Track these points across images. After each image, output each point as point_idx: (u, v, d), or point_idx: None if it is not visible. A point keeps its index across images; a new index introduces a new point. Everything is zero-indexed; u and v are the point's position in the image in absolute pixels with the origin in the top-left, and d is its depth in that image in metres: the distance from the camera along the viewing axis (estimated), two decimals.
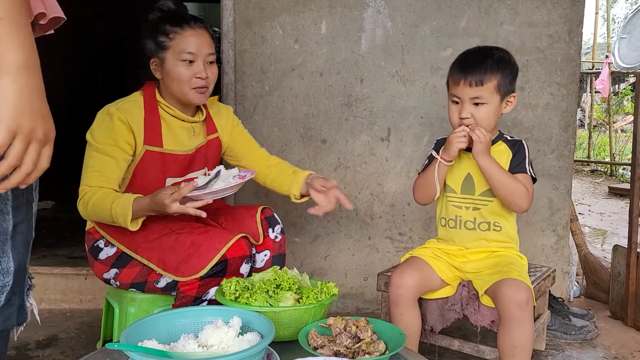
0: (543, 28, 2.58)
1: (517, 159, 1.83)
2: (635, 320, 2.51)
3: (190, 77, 1.80)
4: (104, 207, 1.69)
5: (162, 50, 1.81)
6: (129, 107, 1.82)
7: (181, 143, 1.89)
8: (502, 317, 1.67)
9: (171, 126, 1.88)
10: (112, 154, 1.76)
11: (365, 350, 1.36)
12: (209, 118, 2.00)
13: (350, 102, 2.64)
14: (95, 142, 1.77)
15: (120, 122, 1.77)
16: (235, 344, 1.26)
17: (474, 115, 1.77)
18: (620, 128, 10.11)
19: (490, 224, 1.87)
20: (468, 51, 1.87)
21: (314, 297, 1.48)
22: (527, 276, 1.75)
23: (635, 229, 2.55)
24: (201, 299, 1.72)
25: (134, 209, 1.67)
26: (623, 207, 5.76)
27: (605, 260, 3.10)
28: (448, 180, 1.92)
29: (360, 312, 2.71)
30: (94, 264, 1.88)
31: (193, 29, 1.81)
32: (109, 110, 1.79)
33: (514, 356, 1.66)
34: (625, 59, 5.39)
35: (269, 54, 2.62)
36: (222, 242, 1.70)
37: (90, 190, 1.73)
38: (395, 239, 2.71)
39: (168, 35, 1.80)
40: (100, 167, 1.75)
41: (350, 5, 2.59)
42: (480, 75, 1.75)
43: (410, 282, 1.76)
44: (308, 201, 1.95)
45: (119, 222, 1.69)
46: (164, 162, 1.83)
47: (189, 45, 1.79)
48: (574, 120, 2.67)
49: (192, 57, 1.79)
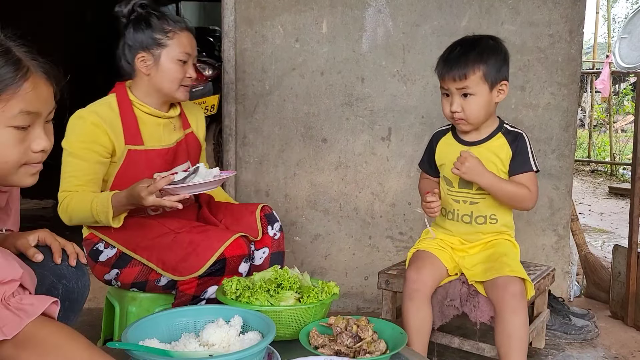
0: (544, 28, 2.58)
1: (520, 159, 1.80)
2: (636, 320, 2.51)
3: (182, 76, 1.86)
4: (84, 208, 1.71)
5: (157, 47, 1.82)
6: (102, 110, 1.82)
7: (160, 139, 1.91)
8: (497, 308, 1.70)
9: (147, 124, 1.89)
10: (86, 158, 1.77)
11: (366, 350, 1.36)
12: (183, 114, 2.03)
13: (351, 102, 2.64)
14: (69, 148, 1.77)
15: (93, 125, 1.77)
16: (237, 343, 1.26)
17: (463, 107, 1.76)
18: (621, 128, 10.11)
19: (487, 217, 1.87)
20: (454, 43, 1.85)
21: (315, 296, 1.48)
22: (521, 266, 1.76)
23: (635, 229, 2.55)
24: (199, 298, 1.73)
25: (113, 204, 1.69)
26: (623, 207, 5.76)
27: (605, 260, 3.10)
28: (447, 173, 1.91)
29: (360, 312, 2.71)
30: (95, 267, 1.87)
31: (189, 30, 1.87)
32: (81, 115, 1.79)
33: (510, 346, 1.68)
34: (625, 59, 5.39)
35: (270, 53, 2.62)
36: (220, 241, 1.71)
37: (68, 195, 1.75)
38: (395, 239, 2.72)
39: (167, 34, 1.82)
40: (75, 171, 1.76)
41: (351, 4, 2.59)
42: (463, 68, 1.73)
43: (427, 277, 1.79)
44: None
45: (101, 220, 1.71)
46: (148, 158, 1.85)
47: (185, 46, 1.85)
48: (574, 120, 2.67)
49: (186, 58, 1.85)
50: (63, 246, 1.35)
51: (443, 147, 1.93)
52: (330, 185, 2.69)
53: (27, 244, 1.32)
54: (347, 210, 2.70)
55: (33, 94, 1.09)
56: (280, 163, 2.68)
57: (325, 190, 2.70)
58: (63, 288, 1.30)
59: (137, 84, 1.89)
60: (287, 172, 2.69)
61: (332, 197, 2.70)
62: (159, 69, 1.83)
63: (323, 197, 2.70)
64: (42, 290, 1.28)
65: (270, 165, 2.69)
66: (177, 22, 1.85)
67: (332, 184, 2.69)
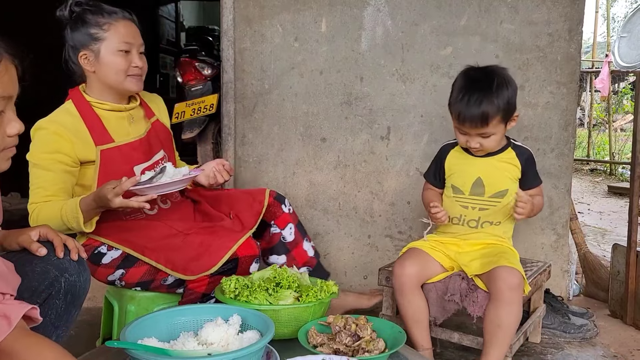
0: (543, 26, 2.58)
1: (531, 174, 1.97)
2: (635, 319, 2.51)
3: (127, 66, 1.83)
4: (54, 216, 1.69)
5: (95, 42, 1.81)
6: (62, 117, 1.81)
7: (127, 132, 1.90)
8: (492, 297, 1.75)
9: (111, 120, 1.88)
10: (52, 168, 1.75)
11: (364, 349, 1.36)
12: (144, 103, 2.02)
13: (350, 101, 2.64)
14: (33, 160, 1.76)
15: (55, 135, 1.75)
16: (235, 341, 1.27)
17: (482, 144, 1.87)
18: (620, 127, 10.12)
19: (493, 222, 1.95)
20: (466, 84, 1.85)
21: (314, 295, 1.49)
22: (519, 264, 1.83)
23: (634, 228, 2.55)
24: (209, 296, 1.74)
25: (82, 209, 1.67)
26: (622, 206, 5.77)
27: (604, 259, 3.10)
28: (456, 182, 2.00)
29: (359, 311, 2.71)
30: (97, 270, 1.85)
31: (125, 19, 1.84)
32: (42, 125, 1.78)
33: (496, 335, 1.74)
34: (625, 58, 5.39)
35: (269, 52, 2.61)
36: (232, 240, 1.73)
37: (37, 206, 1.73)
38: (394, 238, 2.72)
39: (102, 27, 1.80)
40: (42, 182, 1.75)
41: (350, 3, 2.59)
42: (484, 120, 1.81)
43: (411, 271, 1.86)
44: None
45: (73, 226, 1.70)
46: (123, 154, 1.84)
47: (124, 35, 1.82)
48: (573, 119, 2.67)
49: (128, 47, 1.82)
50: (64, 241, 1.36)
51: (453, 159, 2.02)
52: (330, 184, 2.69)
53: (29, 239, 1.33)
54: (346, 210, 2.70)
55: (6, 77, 1.07)
56: (280, 162, 2.68)
57: (324, 190, 2.70)
58: (66, 282, 1.31)
59: (89, 85, 1.88)
60: (287, 171, 2.69)
61: (331, 196, 2.70)
62: (101, 63, 1.82)
63: (322, 196, 2.70)
64: (45, 284, 1.29)
65: (269, 164, 2.69)
66: (112, 13, 1.82)
67: (331, 183, 2.69)
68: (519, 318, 1.76)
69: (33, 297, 1.27)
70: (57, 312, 1.32)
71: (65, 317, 1.34)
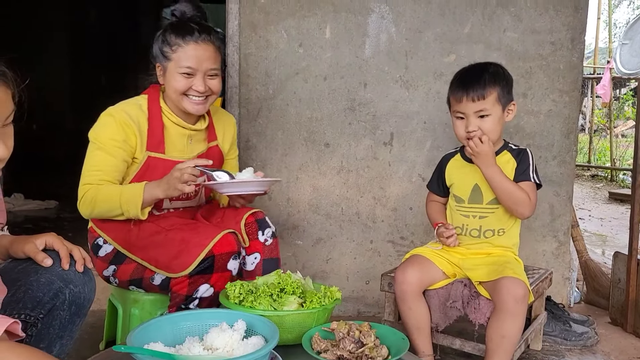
0: (546, 35, 2.60)
1: (521, 168, 1.91)
2: (635, 327, 2.52)
3: (187, 88, 1.84)
4: (112, 199, 1.75)
5: (165, 60, 1.85)
6: (133, 110, 1.85)
7: (182, 150, 1.93)
8: (497, 308, 1.75)
9: (171, 133, 1.91)
10: (113, 153, 1.80)
11: (368, 355, 1.37)
12: (211, 125, 2.04)
13: (353, 107, 2.66)
14: (97, 141, 1.81)
15: (123, 124, 1.81)
16: (240, 347, 1.28)
17: (480, 127, 1.85)
18: (621, 133, 10.14)
19: (495, 231, 1.95)
20: (464, 69, 1.97)
21: (318, 301, 1.50)
22: (524, 274, 1.83)
23: (635, 236, 2.56)
24: (192, 297, 1.74)
25: (144, 196, 1.74)
26: (623, 212, 5.77)
27: (605, 266, 3.11)
28: (456, 191, 2.01)
29: (361, 316, 2.72)
30: (95, 261, 1.91)
31: (197, 42, 1.82)
32: (112, 112, 1.83)
33: (501, 346, 1.75)
34: (626, 65, 5.41)
35: (274, 58, 2.63)
36: (208, 238, 1.72)
37: (92, 187, 1.77)
38: (397, 243, 2.73)
39: (172, 47, 1.83)
40: (102, 165, 1.80)
41: (354, 10, 2.61)
42: (481, 89, 1.84)
43: (413, 278, 1.87)
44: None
45: (129, 211, 1.74)
46: (166, 168, 1.84)
47: (189, 60, 1.82)
48: (575, 127, 2.68)
49: (191, 71, 1.82)
50: (70, 251, 1.36)
51: (452, 169, 2.04)
52: (332, 189, 2.71)
53: (35, 248, 1.33)
54: (348, 215, 2.72)
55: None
56: (283, 167, 2.70)
57: (327, 195, 2.71)
58: (70, 293, 1.32)
59: (166, 92, 1.92)
60: (290, 176, 2.70)
61: (334, 202, 2.71)
62: (167, 79, 1.86)
63: (325, 201, 2.71)
64: (49, 295, 1.30)
65: (273, 169, 2.70)
66: (187, 35, 1.82)
67: (334, 188, 2.71)
68: (522, 328, 1.76)
69: (37, 307, 1.28)
70: (61, 322, 1.32)
71: (69, 327, 1.34)
